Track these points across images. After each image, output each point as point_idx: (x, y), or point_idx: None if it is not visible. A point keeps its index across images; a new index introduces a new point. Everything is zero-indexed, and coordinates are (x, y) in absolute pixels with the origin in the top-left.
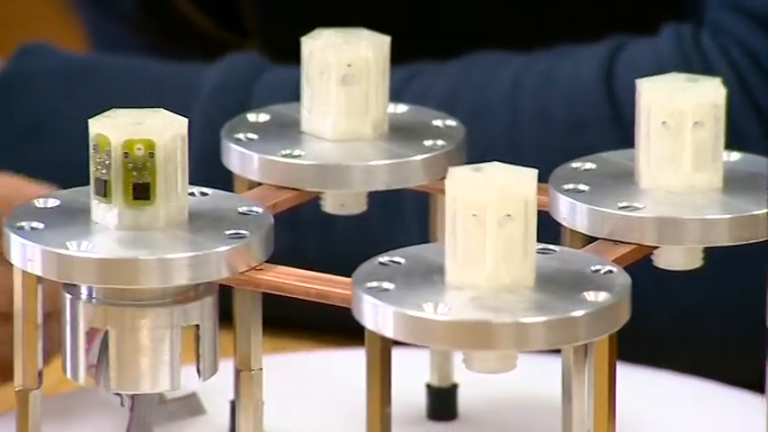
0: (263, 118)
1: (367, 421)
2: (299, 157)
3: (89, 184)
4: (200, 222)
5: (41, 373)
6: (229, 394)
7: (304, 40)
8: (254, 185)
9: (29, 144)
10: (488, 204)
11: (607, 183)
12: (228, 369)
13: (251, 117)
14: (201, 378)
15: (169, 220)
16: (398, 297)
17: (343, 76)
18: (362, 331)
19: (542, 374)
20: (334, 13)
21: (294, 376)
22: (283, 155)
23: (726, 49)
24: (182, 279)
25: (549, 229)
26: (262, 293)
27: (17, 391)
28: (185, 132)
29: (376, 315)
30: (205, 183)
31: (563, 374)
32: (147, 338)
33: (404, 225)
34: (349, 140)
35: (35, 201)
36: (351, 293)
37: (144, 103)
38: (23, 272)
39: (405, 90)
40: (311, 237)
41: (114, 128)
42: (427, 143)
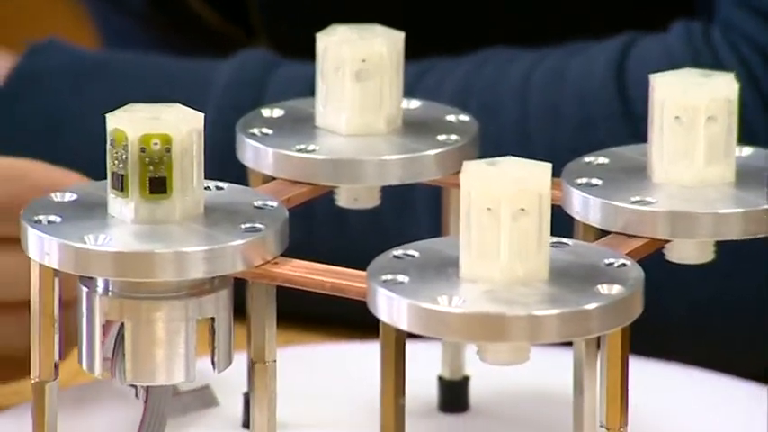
0: (277, 113)
1: (381, 412)
2: (313, 151)
3: (102, 180)
4: (216, 216)
5: (57, 365)
6: (242, 387)
7: (319, 36)
8: (268, 180)
9: (41, 142)
10: (503, 198)
11: (620, 177)
12: (240, 362)
13: (265, 112)
14: (216, 370)
15: (185, 213)
16: (413, 290)
17: (358, 71)
18: (372, 324)
19: (554, 367)
20: (335, 13)
21: (306, 369)
22: (298, 150)
23: (736, 45)
24: (197, 272)
25: (561, 223)
26: (276, 287)
27: (33, 382)
28: (201, 127)
29: (391, 308)
30: (218, 179)
31: (575, 367)
32: (162, 331)
33: (415, 219)
34: (363, 135)
35: (52, 195)
36: (366, 286)
37: (156, 99)
38: (40, 265)
39: (417, 85)
40: (324, 231)
41: (131, 123)
42: (440, 138)
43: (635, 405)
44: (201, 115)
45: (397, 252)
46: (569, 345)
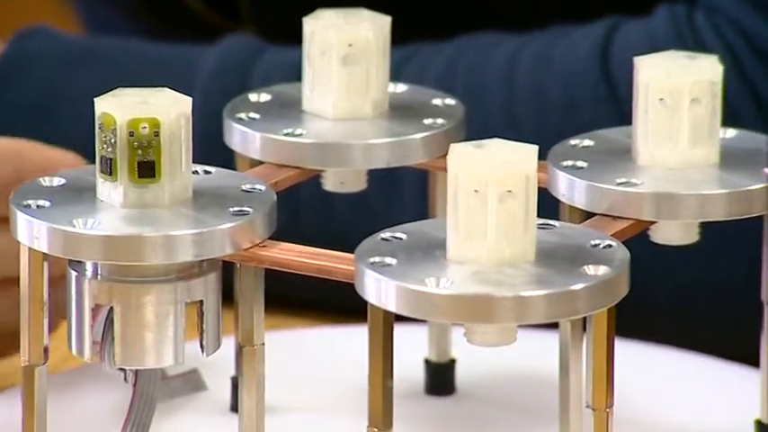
0: (264, 98)
1: (369, 395)
2: (300, 135)
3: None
4: (204, 200)
5: (47, 349)
6: (230, 370)
7: (306, 20)
8: (255, 164)
9: (30, 127)
10: (490, 180)
11: (605, 159)
12: (228, 346)
13: (252, 97)
14: (205, 353)
15: (173, 197)
16: (401, 272)
17: (344, 56)
18: (359, 308)
19: (539, 350)
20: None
21: (293, 353)
22: (285, 134)
23: (719, 28)
24: (186, 256)
25: (547, 205)
26: (264, 270)
27: (23, 366)
28: (189, 111)
29: (379, 290)
30: (205, 164)
31: (560, 349)
32: (151, 314)
33: (402, 202)
34: (349, 119)
35: (41, 179)
36: (353, 269)
37: (143, 85)
38: (29, 249)
39: (402, 70)
40: (310, 215)
41: (120, 107)
42: (427, 122)
43: (621, 386)
44: (190, 99)
45: (385, 234)
46: (555, 327)
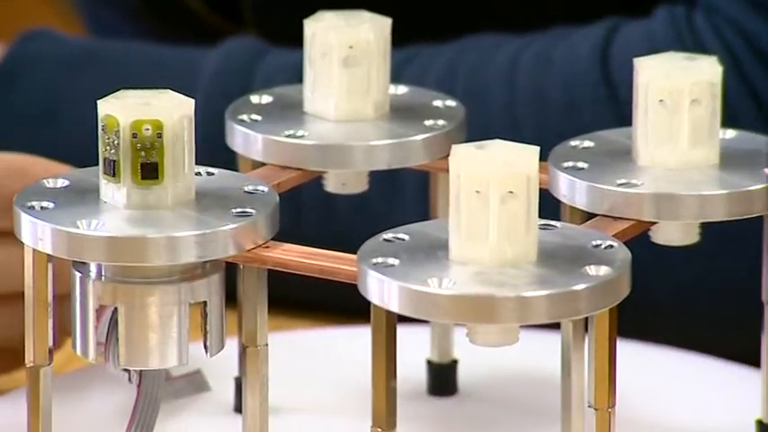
0: (266, 99)
1: (373, 396)
2: (302, 137)
3: (94, 166)
4: (207, 201)
5: (52, 351)
6: (233, 371)
7: (307, 22)
8: (257, 166)
9: (32, 129)
10: (491, 181)
11: (605, 160)
12: (231, 347)
13: (254, 99)
14: (209, 354)
15: (177, 199)
16: (403, 272)
17: (345, 57)
18: (361, 309)
19: (541, 350)
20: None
21: (296, 354)
22: (287, 135)
23: (719, 29)
24: (189, 257)
25: (548, 206)
26: (267, 271)
27: (28, 367)
28: (192, 113)
29: (382, 290)
30: (207, 166)
31: (562, 349)
32: (155, 315)
33: (403, 204)
34: (351, 121)
35: (45, 181)
36: (356, 270)
37: (146, 87)
38: (34, 251)
39: (403, 72)
40: (312, 216)
41: (123, 108)
42: (428, 123)
43: (621, 386)
44: (192, 101)
45: (387, 235)
46: (557, 328)
